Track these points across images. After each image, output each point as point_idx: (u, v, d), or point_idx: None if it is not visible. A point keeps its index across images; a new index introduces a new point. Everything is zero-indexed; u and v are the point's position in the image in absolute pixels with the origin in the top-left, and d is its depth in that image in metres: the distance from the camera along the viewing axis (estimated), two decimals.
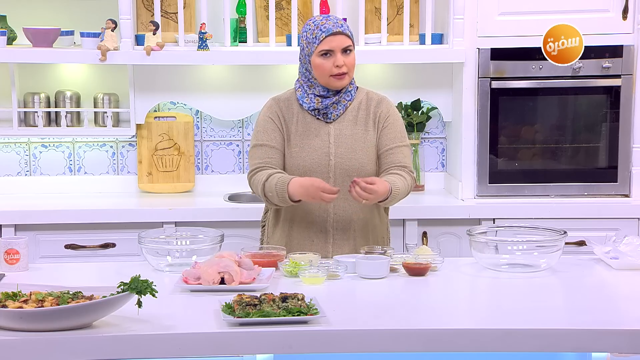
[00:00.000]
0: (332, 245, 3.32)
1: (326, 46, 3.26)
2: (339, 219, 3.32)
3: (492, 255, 3.11)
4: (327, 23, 3.28)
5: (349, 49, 3.28)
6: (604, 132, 4.31)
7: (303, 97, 3.35)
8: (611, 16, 4.21)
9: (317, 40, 3.27)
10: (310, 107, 3.33)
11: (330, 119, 3.34)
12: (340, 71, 3.26)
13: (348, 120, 3.35)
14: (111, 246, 4.15)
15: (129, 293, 2.42)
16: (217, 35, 4.42)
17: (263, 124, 3.38)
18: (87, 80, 4.57)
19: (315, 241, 3.32)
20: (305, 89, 3.34)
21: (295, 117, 3.34)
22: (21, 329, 2.39)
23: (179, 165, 4.60)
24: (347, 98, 3.35)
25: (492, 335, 2.49)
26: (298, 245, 3.32)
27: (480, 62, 4.24)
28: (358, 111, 3.36)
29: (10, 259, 3.04)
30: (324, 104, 3.31)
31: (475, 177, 4.31)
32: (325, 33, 3.26)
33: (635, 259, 3.10)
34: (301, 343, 2.44)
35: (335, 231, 3.32)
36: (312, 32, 3.29)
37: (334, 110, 3.34)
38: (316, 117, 3.35)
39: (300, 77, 3.38)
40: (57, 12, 4.50)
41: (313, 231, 3.32)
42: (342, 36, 3.27)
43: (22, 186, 4.58)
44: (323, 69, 3.27)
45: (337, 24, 3.28)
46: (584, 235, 3.99)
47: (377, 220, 3.41)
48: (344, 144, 3.32)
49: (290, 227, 3.35)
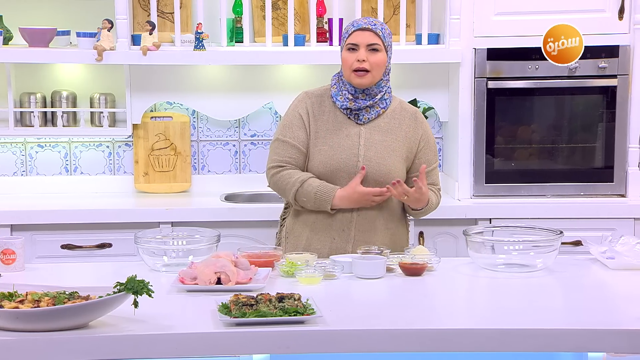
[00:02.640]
0: (353, 245, 3.32)
1: (352, 40, 3.28)
2: (362, 221, 3.33)
3: (488, 255, 3.12)
4: (361, 20, 3.33)
5: (376, 47, 3.28)
6: (600, 132, 4.31)
7: (337, 95, 3.35)
8: (607, 16, 4.22)
9: (347, 34, 3.31)
10: (344, 106, 3.34)
11: (361, 121, 3.34)
12: (360, 66, 3.26)
13: (379, 126, 3.36)
14: (107, 246, 4.14)
15: (125, 293, 2.42)
16: (213, 35, 4.42)
17: (290, 119, 3.39)
18: (84, 80, 4.57)
19: (336, 239, 3.32)
20: (340, 86, 3.35)
21: (327, 114, 3.35)
22: (17, 329, 2.39)
23: (175, 165, 4.60)
24: (381, 105, 3.36)
25: (489, 335, 2.49)
26: (319, 241, 3.33)
27: (476, 62, 4.24)
28: (391, 120, 3.37)
29: (6, 259, 3.04)
30: (357, 105, 3.32)
31: (472, 177, 4.31)
32: (355, 27, 3.29)
33: (631, 258, 3.11)
34: (298, 343, 2.44)
35: (357, 232, 3.33)
36: (345, 28, 3.34)
37: (367, 114, 3.34)
38: (348, 116, 3.35)
39: (337, 75, 3.40)
40: (54, 12, 4.49)
41: (335, 229, 3.33)
42: (370, 33, 3.28)
43: (19, 186, 4.57)
44: (346, 63, 3.29)
45: (369, 22, 3.31)
46: (580, 235, 4.00)
47: (399, 229, 3.42)
48: (373, 148, 3.32)
49: (313, 222, 3.35)
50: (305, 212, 3.37)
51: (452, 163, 4.46)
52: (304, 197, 3.27)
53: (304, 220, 3.37)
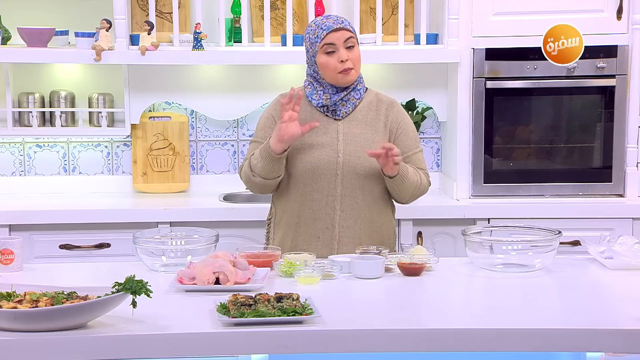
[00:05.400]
0: (338, 242, 3.32)
1: (329, 41, 3.26)
2: (345, 216, 3.32)
3: (487, 255, 3.11)
4: (328, 21, 3.30)
5: (352, 43, 3.28)
6: (598, 132, 4.32)
7: (312, 94, 3.35)
8: (605, 16, 4.22)
9: (319, 39, 3.28)
10: (319, 104, 3.34)
11: (339, 116, 3.34)
12: (345, 66, 3.26)
13: (357, 119, 3.35)
14: (106, 246, 4.14)
15: (124, 293, 2.42)
16: (212, 35, 4.42)
17: (264, 121, 3.40)
18: (82, 80, 4.57)
19: (321, 237, 3.32)
20: (315, 86, 3.35)
21: (303, 114, 3.33)
22: (15, 329, 2.39)
23: (173, 165, 4.60)
24: (356, 96, 3.35)
25: (487, 335, 2.49)
26: (304, 242, 3.32)
27: (475, 62, 4.24)
28: (368, 112, 3.37)
29: (4, 259, 3.04)
30: (332, 100, 3.32)
31: (470, 177, 4.31)
32: (326, 30, 3.27)
33: (629, 258, 3.11)
34: (296, 343, 2.44)
35: (341, 229, 3.32)
36: (313, 32, 3.30)
37: (343, 108, 3.34)
38: (325, 114, 3.35)
39: (309, 78, 3.38)
40: (52, 12, 4.49)
41: (319, 228, 3.33)
42: (343, 31, 3.28)
43: (17, 186, 4.57)
44: (329, 67, 3.28)
45: (338, 21, 3.30)
46: (578, 235, 4.00)
47: (384, 220, 3.41)
48: (352, 142, 3.32)
49: (297, 223, 3.35)
50: (287, 214, 3.37)
51: (451, 163, 4.46)
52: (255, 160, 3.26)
53: (287, 222, 3.37)
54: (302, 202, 3.32)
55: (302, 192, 3.32)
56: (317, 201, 3.31)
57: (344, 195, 3.29)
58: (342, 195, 3.30)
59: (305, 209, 3.33)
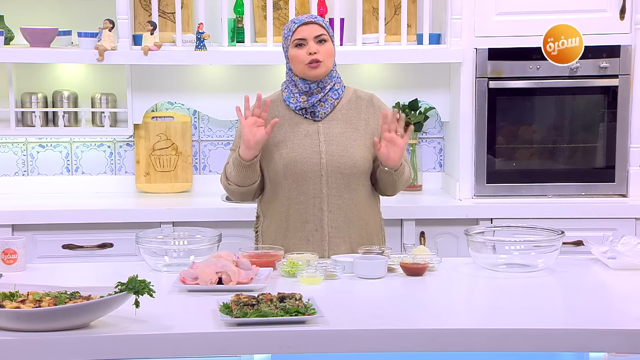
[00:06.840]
0: (329, 243, 3.32)
1: (299, 35, 3.27)
2: (334, 217, 3.31)
3: (489, 255, 3.11)
4: (301, 16, 3.34)
5: (323, 38, 3.28)
6: (601, 132, 4.31)
7: (289, 98, 3.35)
8: (608, 16, 4.22)
9: (290, 32, 3.29)
10: (297, 107, 3.33)
11: (318, 117, 3.34)
12: (313, 58, 3.25)
13: (337, 119, 3.35)
14: (109, 246, 4.15)
15: (127, 293, 2.42)
16: (214, 35, 4.42)
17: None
18: (85, 80, 4.57)
19: (311, 240, 3.32)
20: (291, 89, 3.35)
21: (282, 118, 3.33)
22: (18, 329, 2.39)
23: (176, 165, 4.60)
24: (334, 96, 3.35)
25: (490, 335, 2.49)
26: (294, 245, 3.31)
27: (477, 62, 4.24)
28: (348, 110, 3.36)
29: (7, 259, 3.04)
30: (310, 102, 3.31)
31: (473, 177, 4.31)
32: (297, 24, 3.29)
33: (632, 258, 3.11)
34: (299, 343, 2.44)
35: (330, 229, 3.32)
36: (287, 27, 3.33)
37: (322, 109, 3.33)
38: (304, 116, 3.35)
39: (286, 77, 3.39)
40: (55, 12, 4.50)
41: (308, 230, 3.32)
42: (314, 25, 3.28)
43: (20, 186, 4.58)
44: (297, 59, 3.28)
45: (309, 16, 3.33)
46: (581, 235, 4.00)
47: (372, 218, 3.41)
48: (334, 142, 3.31)
49: (285, 228, 3.35)
50: (275, 220, 3.36)
51: (453, 163, 4.46)
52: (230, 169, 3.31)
53: (276, 227, 3.37)
54: (289, 206, 3.31)
55: (287, 196, 3.32)
56: (303, 204, 3.30)
57: (331, 196, 3.29)
58: (328, 196, 3.30)
59: (292, 212, 3.32)
